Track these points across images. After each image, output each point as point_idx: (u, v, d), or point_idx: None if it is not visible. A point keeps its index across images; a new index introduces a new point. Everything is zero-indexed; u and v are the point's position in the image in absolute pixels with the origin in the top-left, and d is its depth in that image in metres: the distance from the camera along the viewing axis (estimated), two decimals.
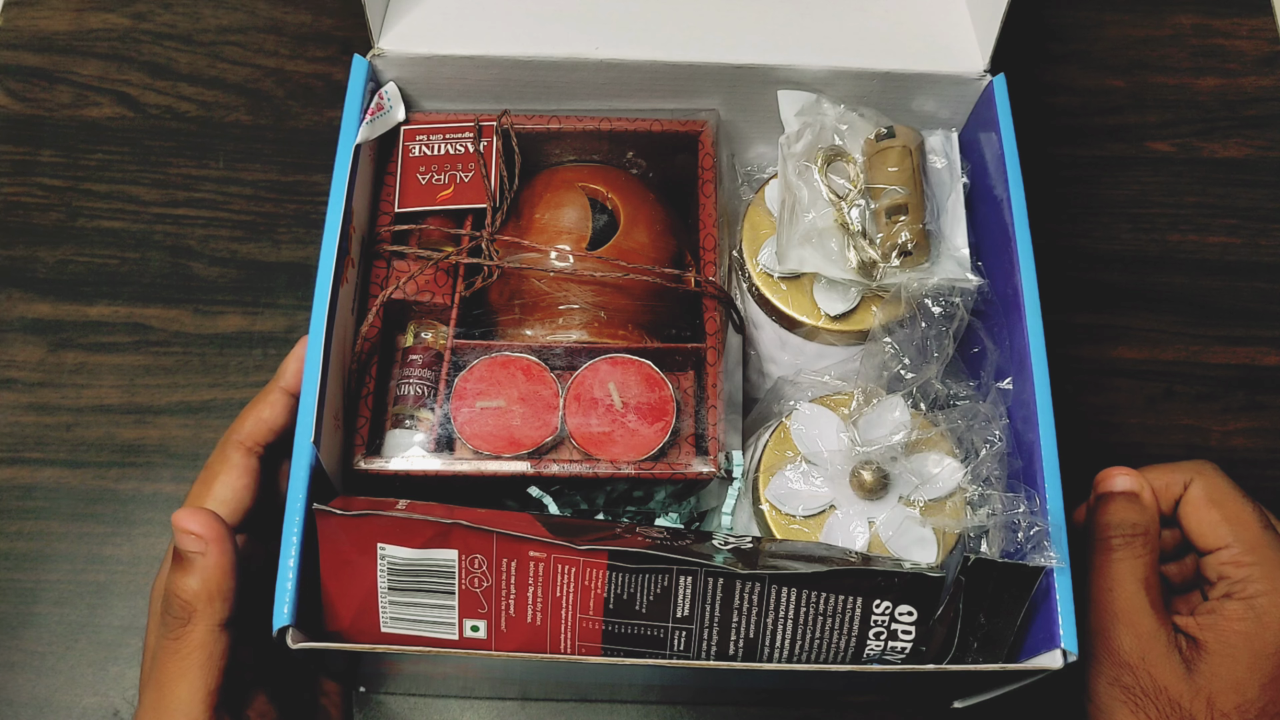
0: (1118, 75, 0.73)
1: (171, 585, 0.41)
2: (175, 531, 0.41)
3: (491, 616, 0.42)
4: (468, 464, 0.47)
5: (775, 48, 0.53)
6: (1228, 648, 0.44)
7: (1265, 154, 0.71)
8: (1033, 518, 0.43)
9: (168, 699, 0.41)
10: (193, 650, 0.41)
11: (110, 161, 0.68)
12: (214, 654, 0.41)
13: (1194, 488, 0.48)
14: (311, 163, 0.68)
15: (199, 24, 0.72)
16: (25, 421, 0.61)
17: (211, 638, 0.41)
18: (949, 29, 0.54)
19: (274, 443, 0.47)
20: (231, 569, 0.41)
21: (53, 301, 0.64)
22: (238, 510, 0.45)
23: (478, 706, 0.56)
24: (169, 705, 0.41)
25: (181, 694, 0.40)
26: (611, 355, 0.49)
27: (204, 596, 0.41)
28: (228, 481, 0.45)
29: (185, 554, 0.41)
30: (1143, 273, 0.68)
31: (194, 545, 0.41)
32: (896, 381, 0.49)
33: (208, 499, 0.45)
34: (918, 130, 0.52)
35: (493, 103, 0.55)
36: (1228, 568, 0.46)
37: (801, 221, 0.50)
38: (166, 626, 0.41)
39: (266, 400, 0.47)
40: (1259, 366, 0.65)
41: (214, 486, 0.45)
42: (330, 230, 0.46)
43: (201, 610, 0.41)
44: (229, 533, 0.42)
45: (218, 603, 0.41)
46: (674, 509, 0.52)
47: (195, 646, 0.41)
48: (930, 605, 0.41)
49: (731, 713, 0.57)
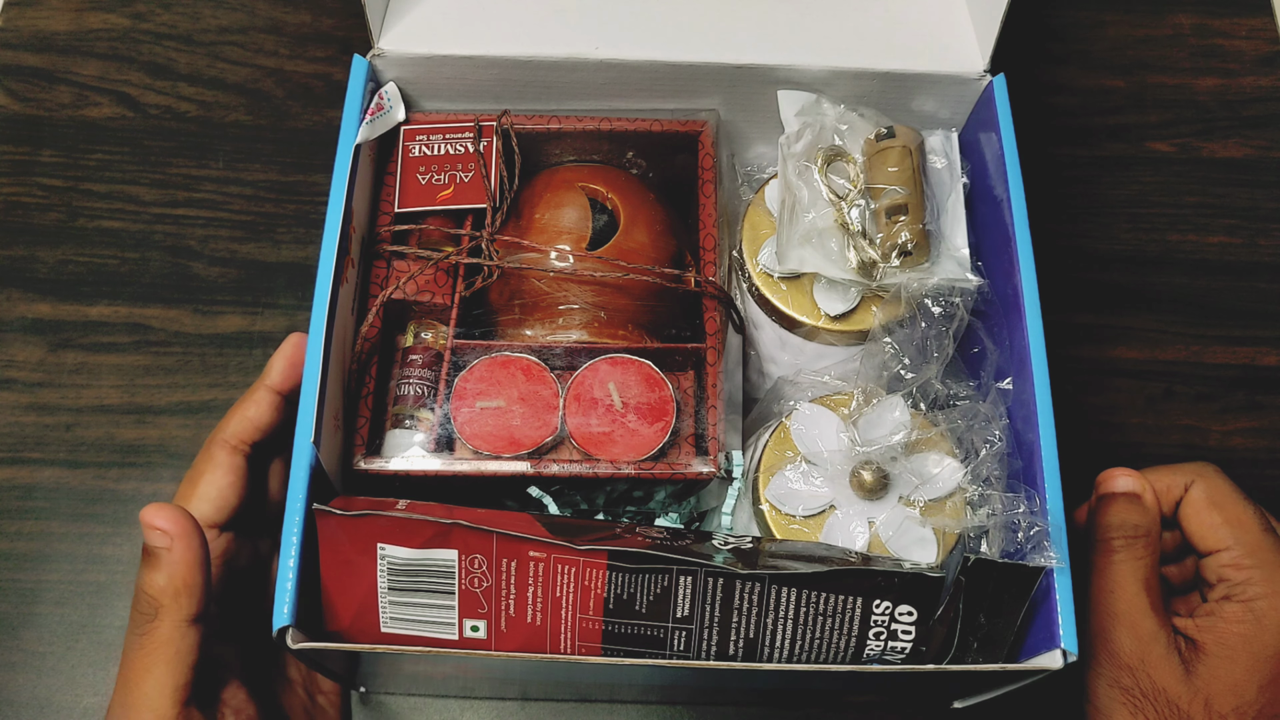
0: (1118, 75, 0.73)
1: (139, 581, 0.41)
2: (143, 528, 0.41)
3: (491, 616, 0.42)
4: (468, 464, 0.47)
5: (775, 48, 0.53)
6: (1226, 650, 0.44)
7: (1265, 154, 0.71)
8: (1033, 518, 0.43)
9: (134, 694, 0.40)
10: (159, 646, 0.41)
11: (110, 161, 0.68)
12: (181, 649, 0.41)
13: (1195, 489, 0.48)
14: (311, 163, 0.68)
15: (199, 24, 0.72)
16: (25, 421, 0.61)
17: (178, 633, 0.41)
18: (949, 29, 0.54)
19: (261, 441, 0.47)
20: (199, 564, 0.41)
21: (53, 301, 0.64)
22: (223, 509, 0.45)
23: (478, 706, 0.56)
24: (135, 701, 0.40)
25: (148, 689, 0.40)
26: (611, 355, 0.49)
27: (170, 592, 0.40)
28: (213, 480, 0.45)
29: (152, 549, 0.41)
30: (1143, 273, 0.68)
31: (160, 540, 0.41)
32: (896, 381, 0.49)
33: (193, 498, 0.45)
34: (918, 130, 0.52)
35: (493, 103, 0.55)
36: (1227, 570, 0.46)
37: (801, 221, 0.50)
38: (134, 622, 0.41)
39: (252, 399, 0.47)
40: (1259, 366, 0.65)
41: (199, 485, 0.45)
42: (330, 230, 0.46)
43: (168, 605, 0.41)
44: (196, 528, 0.41)
45: (184, 598, 0.41)
46: (674, 509, 0.52)
47: (162, 642, 0.41)
48: (930, 605, 0.41)
49: (731, 713, 0.57)
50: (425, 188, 0.52)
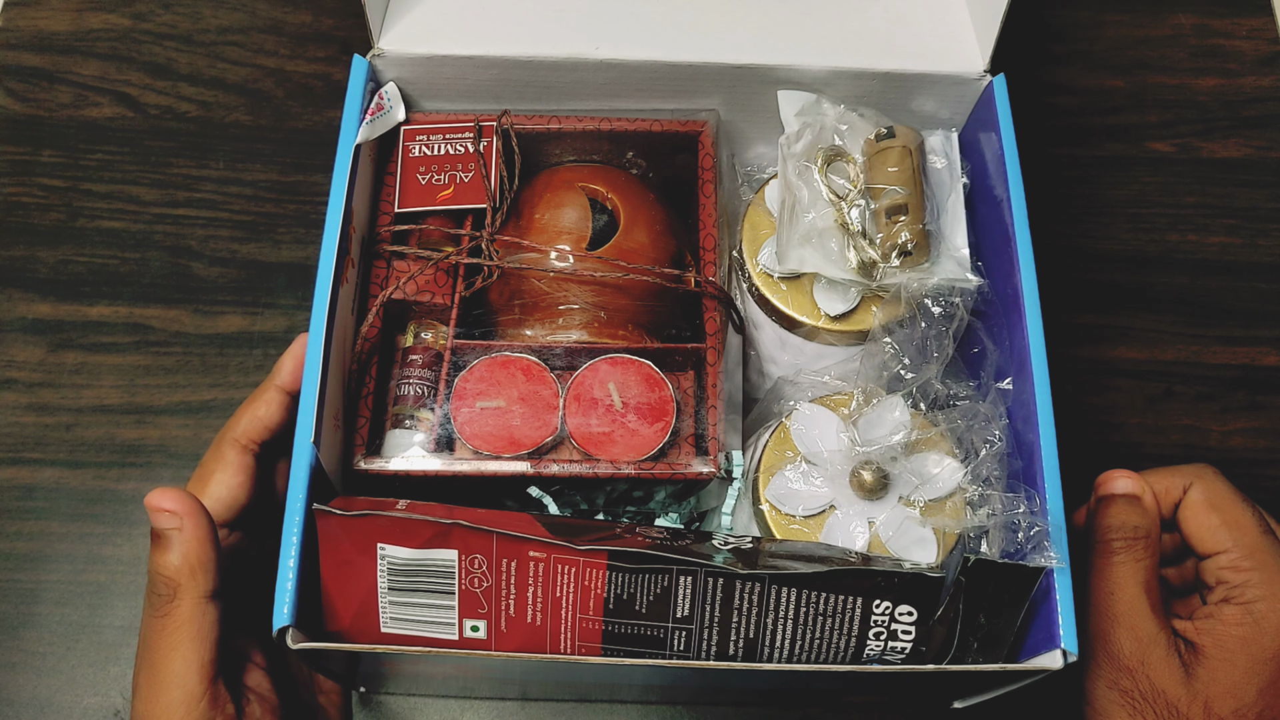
0: (1118, 75, 0.73)
1: (153, 566, 0.41)
2: (150, 512, 0.41)
3: (491, 616, 0.42)
4: (468, 464, 0.47)
5: (775, 48, 0.53)
6: (1225, 652, 0.44)
7: (1265, 154, 0.71)
8: (1033, 518, 0.43)
9: (161, 675, 0.40)
10: (181, 624, 0.41)
11: (110, 161, 0.68)
12: (204, 626, 0.41)
13: (1193, 491, 0.48)
14: (311, 163, 0.68)
15: (199, 24, 0.72)
16: (25, 421, 0.61)
17: (199, 610, 0.41)
18: (949, 29, 0.54)
19: (270, 441, 0.47)
20: (210, 540, 0.41)
21: (53, 301, 0.64)
22: (232, 507, 0.46)
23: (478, 706, 0.56)
24: (164, 680, 0.40)
25: (175, 667, 0.40)
26: (611, 355, 0.49)
27: (186, 570, 0.41)
28: (223, 479, 0.46)
29: (162, 532, 0.41)
30: (1143, 273, 0.68)
31: (169, 522, 0.41)
32: (896, 381, 0.49)
33: (203, 496, 0.45)
34: (918, 130, 0.52)
35: (493, 103, 0.55)
36: (1226, 572, 0.46)
37: (801, 221, 0.50)
38: (153, 606, 0.41)
39: (262, 398, 0.47)
40: (1259, 366, 0.65)
41: (209, 484, 0.46)
42: (330, 230, 0.46)
43: (185, 584, 0.41)
44: (202, 507, 0.42)
45: (200, 575, 0.41)
46: (674, 509, 0.52)
47: (184, 620, 0.41)
48: (930, 605, 0.41)
49: (731, 713, 0.57)
50: (425, 188, 0.52)
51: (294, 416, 0.47)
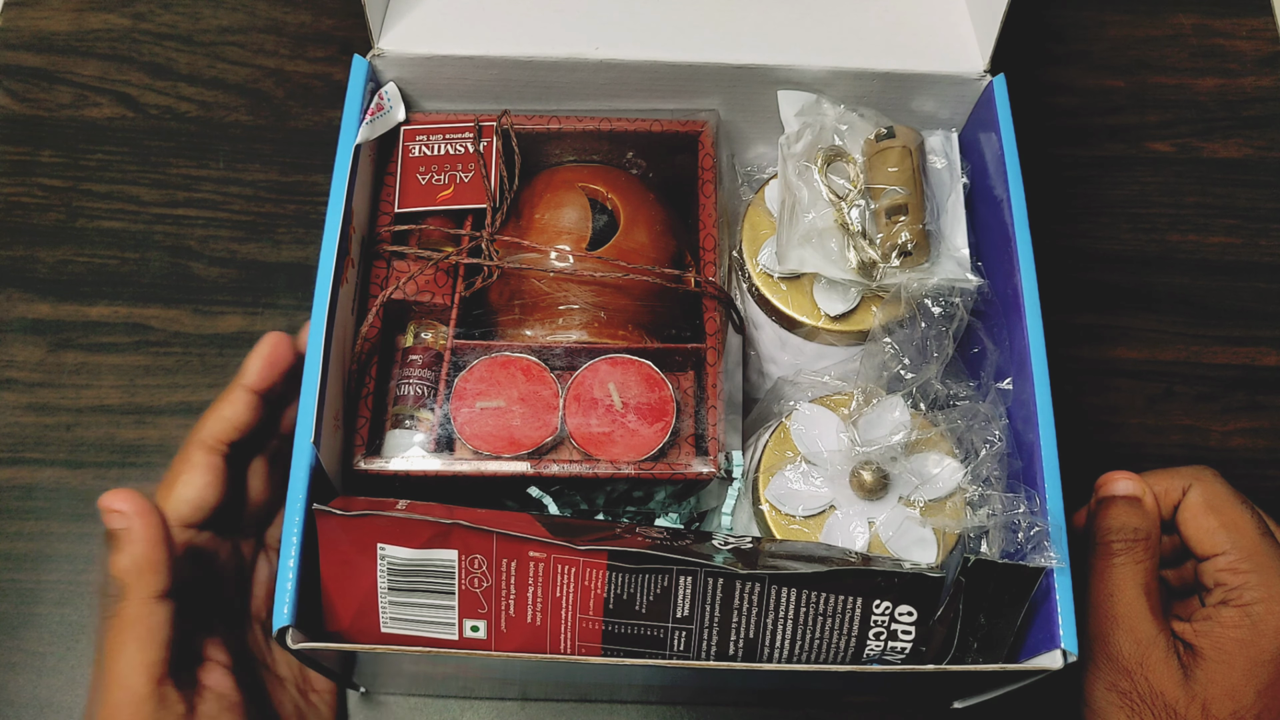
0: (1118, 75, 0.73)
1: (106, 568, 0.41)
2: (102, 513, 0.41)
3: (491, 617, 0.42)
4: (468, 464, 0.47)
5: (775, 48, 0.53)
6: (1224, 654, 0.44)
7: (1265, 154, 0.71)
8: (1033, 518, 0.43)
9: (108, 675, 0.40)
10: (129, 623, 0.41)
11: (110, 162, 0.68)
12: (152, 626, 0.41)
13: (1192, 493, 0.48)
14: (311, 163, 0.68)
15: (199, 24, 0.72)
16: (25, 421, 0.61)
17: (146, 609, 0.41)
18: (949, 29, 0.54)
19: (240, 441, 0.47)
20: (161, 541, 0.41)
21: (53, 301, 0.64)
22: (200, 508, 0.46)
23: (478, 707, 0.56)
24: (109, 680, 0.40)
25: (120, 667, 0.40)
26: (611, 355, 0.49)
27: (134, 570, 0.41)
28: (190, 480, 0.46)
29: (113, 533, 0.41)
30: (1143, 273, 0.68)
31: (119, 522, 0.41)
32: (896, 381, 0.49)
33: (170, 499, 0.45)
34: (918, 130, 0.52)
35: (493, 103, 0.55)
36: (1225, 574, 0.46)
37: (801, 221, 0.50)
38: (103, 606, 0.41)
39: (229, 399, 0.47)
40: (1259, 366, 0.65)
41: (176, 486, 0.46)
42: (330, 230, 0.46)
43: (133, 584, 0.41)
44: (153, 507, 0.42)
45: (148, 574, 0.41)
46: (674, 509, 0.52)
47: (131, 620, 0.41)
48: (930, 605, 0.41)
49: (731, 713, 0.57)
50: (425, 188, 0.52)
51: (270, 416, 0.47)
